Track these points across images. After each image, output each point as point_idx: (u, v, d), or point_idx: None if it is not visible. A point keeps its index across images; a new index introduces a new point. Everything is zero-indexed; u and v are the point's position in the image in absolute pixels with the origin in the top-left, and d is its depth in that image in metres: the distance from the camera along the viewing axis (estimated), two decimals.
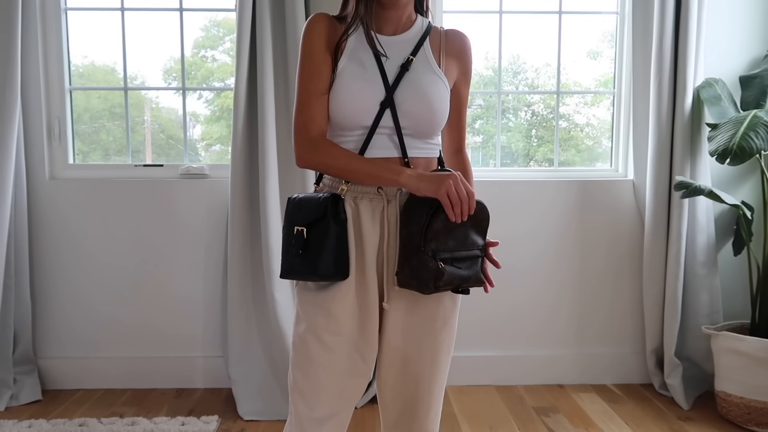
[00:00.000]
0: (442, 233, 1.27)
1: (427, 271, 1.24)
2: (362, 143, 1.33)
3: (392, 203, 1.33)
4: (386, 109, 1.32)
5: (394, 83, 1.33)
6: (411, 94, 1.33)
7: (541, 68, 3.03)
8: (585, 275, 2.91)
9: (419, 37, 1.39)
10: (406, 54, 1.37)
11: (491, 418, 2.55)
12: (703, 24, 2.65)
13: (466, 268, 1.31)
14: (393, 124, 1.33)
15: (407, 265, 1.28)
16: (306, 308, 1.34)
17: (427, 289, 1.25)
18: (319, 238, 1.28)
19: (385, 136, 1.34)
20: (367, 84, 1.32)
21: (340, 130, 1.35)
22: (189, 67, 2.93)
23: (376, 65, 1.34)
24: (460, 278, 1.29)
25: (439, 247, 1.26)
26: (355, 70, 1.33)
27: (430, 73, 1.37)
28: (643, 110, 2.78)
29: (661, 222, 2.73)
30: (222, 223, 2.81)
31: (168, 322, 2.85)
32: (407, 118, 1.33)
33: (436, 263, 1.24)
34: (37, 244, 2.80)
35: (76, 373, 2.84)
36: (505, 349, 2.92)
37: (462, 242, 1.30)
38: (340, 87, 1.32)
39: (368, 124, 1.32)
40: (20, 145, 2.66)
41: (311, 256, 1.28)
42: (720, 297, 2.76)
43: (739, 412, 2.46)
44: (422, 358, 1.37)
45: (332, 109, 1.33)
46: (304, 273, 1.29)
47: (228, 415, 2.56)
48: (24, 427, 2.38)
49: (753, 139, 2.33)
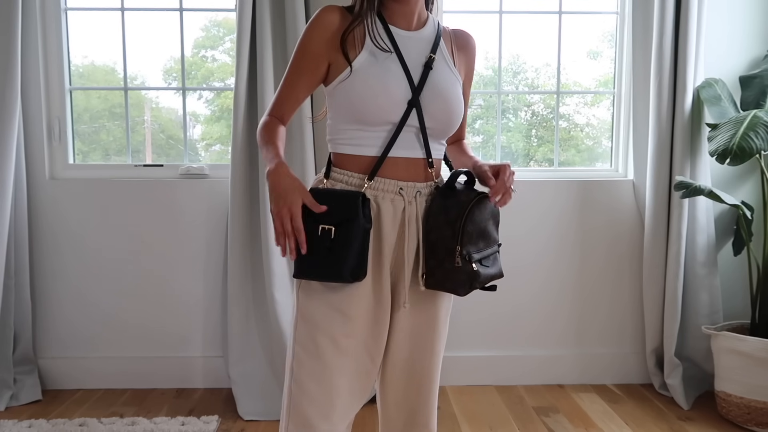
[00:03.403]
0: (474, 235, 1.26)
1: (463, 274, 1.24)
2: (389, 140, 1.29)
3: (413, 204, 1.31)
4: (413, 108, 1.29)
5: (420, 83, 1.30)
6: (436, 96, 1.31)
7: (541, 68, 3.03)
8: (585, 275, 2.91)
9: (435, 35, 1.37)
10: (426, 52, 1.34)
11: (491, 418, 2.55)
12: (703, 24, 2.65)
13: (492, 265, 1.31)
14: (419, 124, 1.30)
15: (440, 269, 1.26)
16: (317, 309, 1.28)
17: (463, 290, 1.25)
18: (346, 238, 1.21)
19: (411, 134, 1.31)
20: (396, 80, 1.28)
21: (364, 125, 1.29)
22: (189, 67, 2.93)
23: (399, 61, 1.30)
24: (489, 276, 1.29)
25: (471, 249, 1.25)
26: (381, 65, 1.28)
27: (449, 74, 1.35)
28: (643, 110, 2.78)
29: (661, 222, 2.73)
30: (222, 223, 2.81)
31: (168, 322, 2.85)
32: (431, 119, 1.31)
33: (471, 266, 1.24)
34: (37, 244, 2.80)
35: (76, 373, 2.84)
36: (505, 349, 2.92)
37: (488, 240, 1.30)
38: (367, 81, 1.27)
39: (396, 120, 1.28)
40: (20, 145, 2.66)
41: (336, 257, 1.21)
42: (720, 297, 2.76)
43: (739, 412, 2.46)
44: (425, 358, 1.36)
45: (355, 104, 1.27)
46: (327, 275, 1.22)
47: (228, 415, 2.56)
48: (24, 427, 2.38)
49: (753, 139, 2.33)
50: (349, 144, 1.31)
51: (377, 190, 1.29)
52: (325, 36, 1.30)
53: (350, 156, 1.31)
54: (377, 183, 1.29)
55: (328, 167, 1.34)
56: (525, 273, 2.89)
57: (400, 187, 1.29)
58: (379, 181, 1.29)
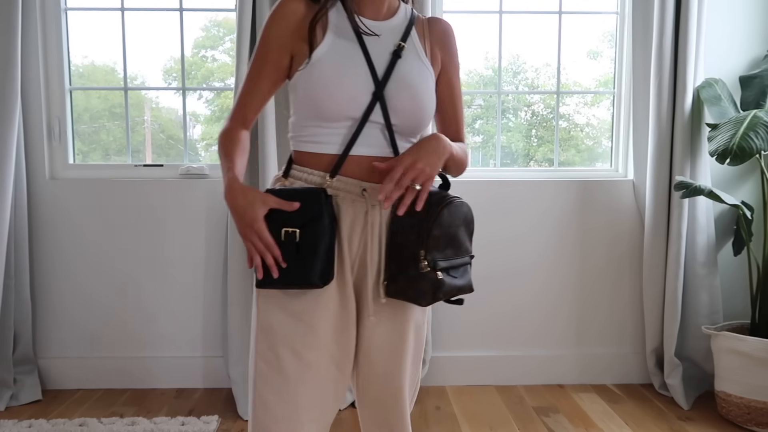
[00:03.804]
0: (441, 241, 1.17)
1: (426, 282, 1.15)
2: (350, 137, 1.20)
3: (377, 208, 1.21)
4: (377, 101, 1.19)
5: (385, 73, 1.21)
6: (402, 89, 1.21)
7: (541, 68, 3.03)
8: (585, 275, 2.91)
9: (406, 24, 1.28)
10: (395, 41, 1.25)
11: (491, 418, 2.55)
12: (703, 24, 2.65)
13: (461, 277, 1.22)
14: (383, 120, 1.21)
15: (402, 276, 1.17)
16: (276, 319, 1.19)
17: (425, 300, 1.16)
18: (313, 239, 1.12)
19: (376, 131, 1.21)
20: (355, 71, 1.19)
21: (323, 120, 1.20)
22: (189, 67, 2.93)
23: (361, 51, 1.21)
24: (456, 288, 1.20)
25: (437, 256, 1.16)
26: (340, 55, 1.19)
27: (419, 64, 1.26)
28: (643, 110, 2.78)
29: (661, 222, 2.73)
30: (222, 223, 2.81)
31: (168, 321, 2.85)
32: (396, 114, 1.21)
33: (436, 274, 1.15)
34: (37, 245, 2.80)
35: (76, 373, 2.84)
36: (505, 349, 2.92)
37: (458, 249, 1.21)
38: (323, 73, 1.18)
39: (357, 115, 1.19)
40: (20, 145, 2.66)
41: (304, 260, 1.11)
42: (720, 297, 2.76)
43: (739, 412, 2.46)
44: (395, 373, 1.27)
45: (313, 98, 1.19)
46: (295, 281, 1.12)
47: (228, 415, 2.56)
48: (24, 427, 2.38)
49: (753, 139, 2.33)
50: (309, 141, 1.23)
51: (338, 190, 1.20)
52: (288, 26, 1.22)
53: (311, 154, 1.23)
54: (338, 182, 1.20)
55: (288, 166, 1.26)
56: (525, 273, 2.89)
57: (363, 188, 1.20)
58: (341, 180, 1.20)
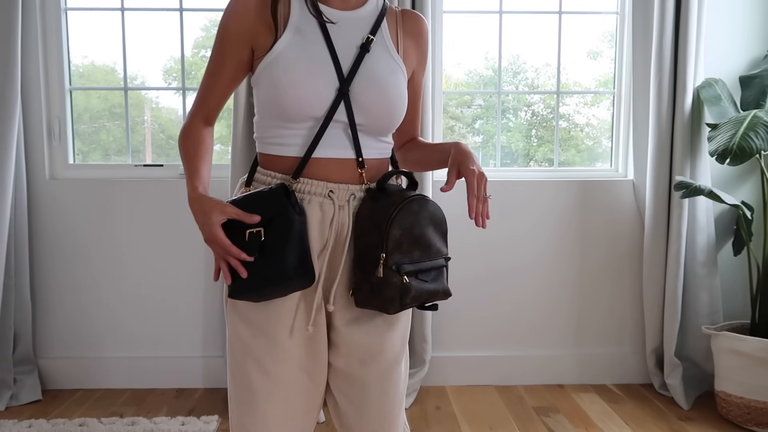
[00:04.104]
0: (406, 242, 1.09)
1: (390, 287, 1.07)
2: (313, 138, 1.13)
3: (344, 209, 1.14)
4: (341, 99, 1.12)
5: (351, 68, 1.13)
6: (369, 85, 1.14)
7: (541, 68, 3.03)
8: (585, 275, 2.91)
9: (376, 15, 1.19)
10: (363, 34, 1.16)
11: (491, 418, 2.55)
12: (703, 24, 2.65)
13: (432, 281, 1.14)
14: (347, 119, 1.13)
15: (366, 282, 1.10)
16: (240, 331, 1.14)
17: (392, 308, 1.08)
18: (279, 234, 1.05)
19: (339, 130, 1.14)
20: (317, 67, 1.11)
21: (284, 121, 1.13)
22: (189, 67, 2.93)
23: (326, 45, 1.13)
24: (427, 293, 1.12)
25: (402, 259, 1.09)
26: (302, 49, 1.11)
27: (389, 60, 1.18)
28: (643, 110, 2.78)
29: (661, 222, 2.73)
30: None
31: (168, 322, 2.85)
32: (363, 113, 1.14)
33: (401, 278, 1.07)
34: (37, 244, 2.80)
35: (76, 373, 2.84)
36: (505, 349, 2.92)
37: (426, 251, 1.13)
38: (284, 70, 1.10)
39: (319, 115, 1.12)
40: (20, 145, 2.66)
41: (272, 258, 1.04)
42: (720, 297, 2.76)
43: (739, 412, 2.46)
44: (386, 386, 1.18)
45: (274, 97, 1.11)
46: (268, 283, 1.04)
47: (228, 415, 2.56)
48: (24, 427, 2.38)
49: (753, 139, 2.33)
50: (272, 143, 1.16)
51: (303, 193, 1.13)
52: (246, 16, 1.13)
53: (274, 156, 1.16)
54: (302, 184, 1.13)
55: (253, 169, 1.20)
56: (525, 273, 2.89)
57: (330, 189, 1.13)
58: (305, 182, 1.13)
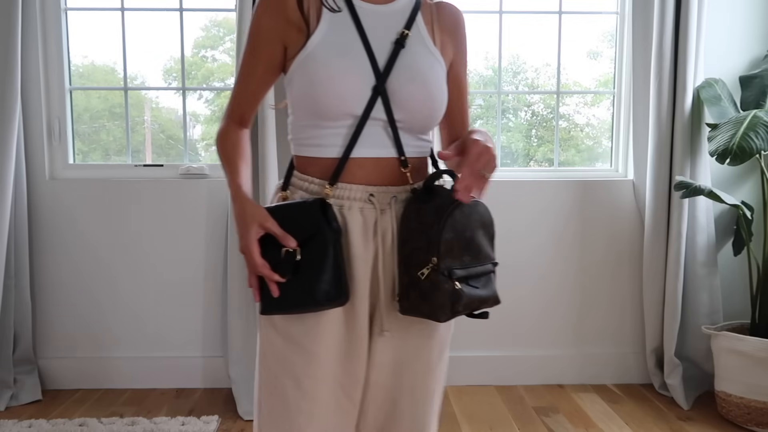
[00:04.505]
0: (456, 246, 1.03)
1: (442, 293, 1.01)
2: (351, 137, 1.08)
3: (387, 213, 1.09)
4: (377, 95, 1.07)
5: (387, 64, 1.08)
6: (408, 81, 1.09)
7: (541, 68, 3.03)
8: (585, 275, 2.91)
9: (411, 8, 1.14)
10: (398, 28, 1.11)
11: (491, 418, 2.55)
12: (703, 24, 2.65)
13: (483, 287, 1.08)
14: (386, 116, 1.08)
15: (414, 289, 1.04)
16: (275, 344, 1.10)
17: (443, 315, 1.02)
18: (313, 256, 1.02)
19: (378, 128, 1.09)
20: (352, 62, 1.07)
21: (320, 119, 1.08)
22: (189, 67, 2.93)
23: (360, 40, 1.08)
24: (478, 300, 1.06)
25: (453, 264, 1.03)
26: (336, 45, 1.07)
27: (427, 54, 1.13)
28: (643, 110, 2.78)
29: (661, 222, 2.73)
30: (222, 223, 2.81)
31: (168, 322, 2.85)
32: (402, 109, 1.09)
33: (452, 283, 1.01)
34: (37, 245, 2.79)
35: (76, 373, 2.84)
36: (505, 349, 2.92)
37: (477, 256, 1.07)
38: (318, 66, 1.06)
39: (357, 112, 1.07)
40: (20, 145, 2.66)
41: (305, 280, 1.02)
42: (720, 297, 2.76)
43: (739, 412, 2.46)
44: (418, 398, 1.15)
45: (308, 94, 1.07)
46: (299, 304, 1.03)
47: (228, 415, 2.56)
48: (24, 427, 2.38)
49: (753, 139, 2.33)
50: (308, 144, 1.11)
51: (341, 199, 1.08)
52: (278, 14, 1.10)
53: (310, 159, 1.11)
54: (341, 190, 1.08)
55: (289, 173, 1.15)
56: (525, 272, 2.89)
57: (370, 192, 1.09)
58: (343, 187, 1.08)
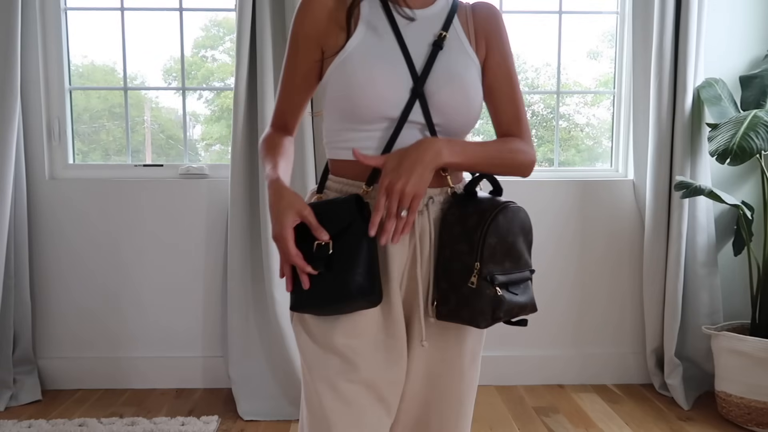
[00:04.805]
0: (498, 251, 1.02)
1: (483, 299, 1.00)
2: (388, 140, 1.07)
3: (424, 215, 1.08)
4: (415, 98, 1.07)
5: (425, 66, 1.08)
6: (446, 84, 1.08)
7: (541, 68, 3.03)
8: (585, 275, 2.91)
9: (447, 11, 1.15)
10: (434, 31, 1.11)
11: (491, 418, 2.55)
12: (703, 24, 2.65)
13: (522, 293, 1.07)
14: (424, 119, 1.08)
15: (454, 294, 1.02)
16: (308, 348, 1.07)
17: (483, 321, 1.01)
18: (346, 250, 0.99)
19: (416, 131, 1.08)
20: (390, 64, 1.06)
21: (357, 123, 1.08)
22: (189, 67, 2.93)
23: (397, 43, 1.08)
24: (518, 306, 1.05)
25: (495, 270, 1.02)
26: (373, 48, 1.07)
27: (463, 55, 1.13)
28: (643, 110, 2.78)
29: (661, 222, 2.73)
30: (222, 223, 2.81)
31: (168, 322, 2.85)
32: (440, 113, 1.08)
33: (494, 289, 1.01)
34: (37, 244, 2.79)
35: (76, 373, 2.84)
36: (505, 349, 2.92)
37: (517, 262, 1.06)
38: (355, 68, 1.06)
39: (395, 115, 1.06)
40: (20, 145, 2.66)
41: (337, 274, 0.98)
42: (720, 297, 2.76)
43: (739, 412, 2.46)
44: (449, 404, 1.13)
45: (345, 97, 1.07)
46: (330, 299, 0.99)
47: (228, 415, 2.56)
48: (24, 427, 2.38)
49: (753, 139, 2.33)
50: (344, 147, 1.10)
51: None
52: (317, 20, 1.09)
53: (346, 162, 1.10)
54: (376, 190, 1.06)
55: (324, 177, 1.15)
56: None
57: None
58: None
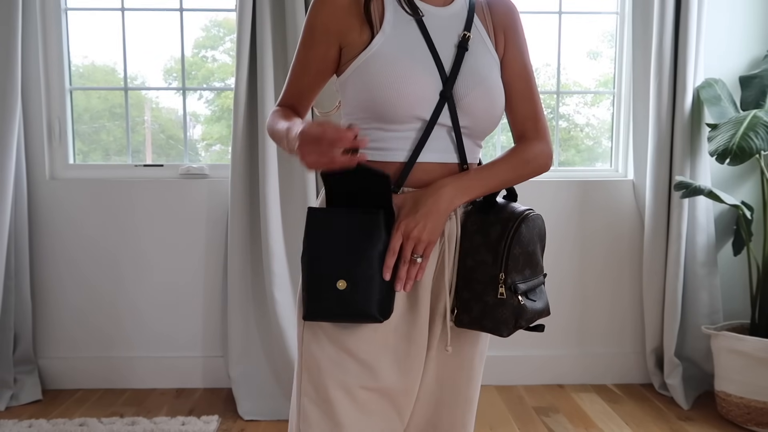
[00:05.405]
0: (521, 260, 1.01)
1: (506, 309, 0.99)
2: (418, 141, 1.04)
3: (452, 219, 1.05)
4: (445, 101, 1.05)
5: (453, 68, 1.05)
6: (475, 86, 1.06)
7: (541, 68, 3.03)
8: (585, 275, 2.91)
9: (467, 10, 1.12)
10: (457, 31, 1.09)
11: (491, 418, 2.55)
12: (703, 24, 2.65)
13: (539, 299, 1.07)
14: (451, 122, 1.06)
15: (477, 303, 1.01)
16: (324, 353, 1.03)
17: (506, 330, 1.00)
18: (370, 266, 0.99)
19: (443, 133, 1.07)
20: (420, 64, 1.04)
21: (385, 123, 1.04)
22: (189, 67, 2.93)
23: (425, 42, 1.06)
24: (537, 313, 1.05)
25: (517, 278, 1.01)
26: (402, 47, 1.04)
27: (487, 55, 1.11)
28: (643, 110, 2.79)
29: (661, 222, 2.73)
30: (222, 223, 2.81)
31: (168, 322, 2.85)
32: (468, 115, 1.07)
33: (517, 298, 1.00)
34: (37, 245, 2.80)
35: (76, 372, 2.84)
36: (505, 349, 2.92)
37: (535, 268, 1.06)
38: (386, 68, 1.02)
39: (426, 116, 1.04)
40: (20, 145, 2.66)
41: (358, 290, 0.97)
42: (720, 297, 2.76)
43: (739, 412, 2.46)
44: (459, 404, 1.13)
45: (374, 97, 1.03)
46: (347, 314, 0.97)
47: (228, 415, 2.56)
48: (24, 427, 2.38)
49: (753, 139, 2.33)
50: (371, 148, 1.06)
51: None
52: (335, 12, 1.06)
53: (374, 163, 1.05)
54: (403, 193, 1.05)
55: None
56: None
57: None
58: (409, 192, 1.05)
